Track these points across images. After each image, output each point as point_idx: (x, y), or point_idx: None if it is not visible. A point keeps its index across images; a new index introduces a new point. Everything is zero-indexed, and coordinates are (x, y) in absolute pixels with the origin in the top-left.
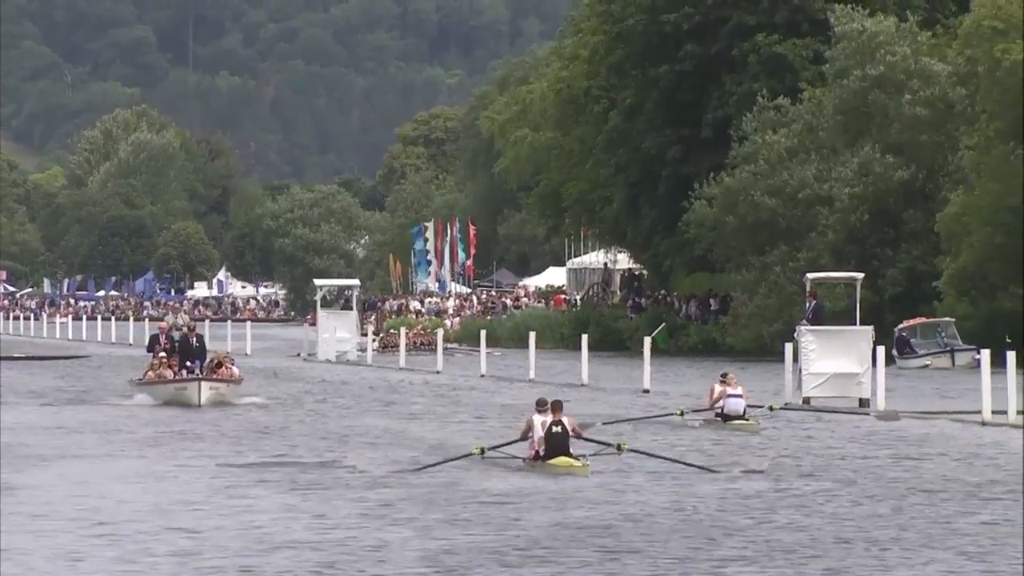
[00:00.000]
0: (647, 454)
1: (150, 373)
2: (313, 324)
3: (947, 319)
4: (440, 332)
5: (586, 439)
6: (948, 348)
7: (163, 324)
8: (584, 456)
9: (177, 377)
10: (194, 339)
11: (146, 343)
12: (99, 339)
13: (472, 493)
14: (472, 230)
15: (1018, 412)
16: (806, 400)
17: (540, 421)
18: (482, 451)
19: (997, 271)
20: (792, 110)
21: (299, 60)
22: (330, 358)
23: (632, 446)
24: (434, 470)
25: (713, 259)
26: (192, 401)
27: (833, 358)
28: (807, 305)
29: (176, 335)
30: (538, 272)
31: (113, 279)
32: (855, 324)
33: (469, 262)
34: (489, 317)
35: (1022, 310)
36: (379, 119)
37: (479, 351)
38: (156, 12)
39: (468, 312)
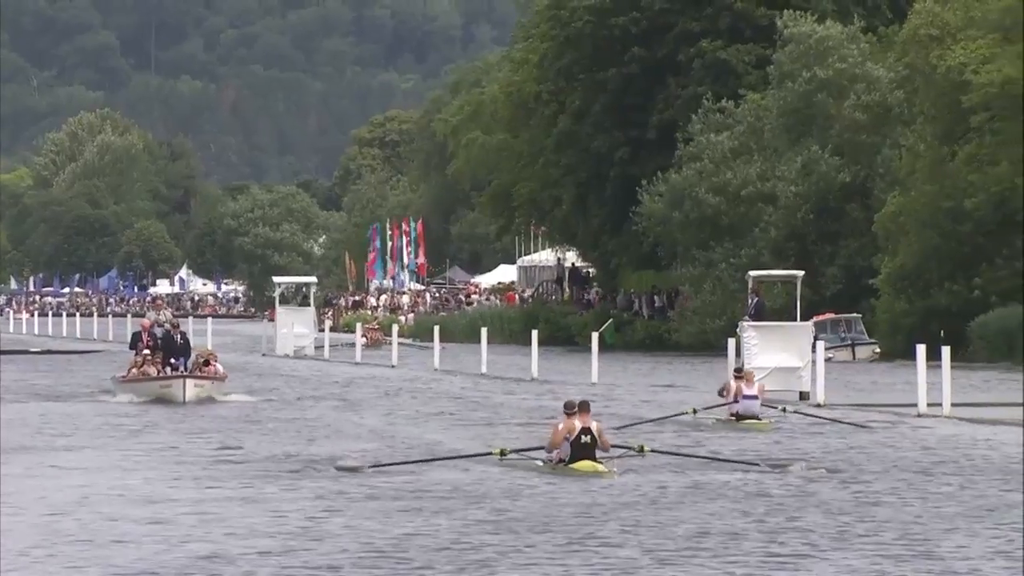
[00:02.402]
0: (671, 453)
1: (133, 370)
2: (272, 320)
3: (855, 315)
4: (395, 328)
5: (612, 446)
6: (849, 342)
7: (145, 321)
8: (611, 460)
9: (161, 375)
10: (178, 336)
11: (128, 340)
12: (64, 335)
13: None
14: (420, 228)
15: (952, 405)
16: None
17: (568, 427)
18: (503, 453)
19: (933, 270)
20: (736, 112)
21: (258, 65)
22: (288, 353)
23: (653, 446)
24: (457, 465)
25: (660, 256)
26: (177, 398)
27: (774, 353)
28: (749, 302)
29: (159, 332)
30: (489, 270)
31: (76, 276)
32: (796, 320)
33: (421, 260)
34: (443, 313)
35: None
36: (336, 122)
37: (432, 346)
38: (119, 18)
39: (422, 308)
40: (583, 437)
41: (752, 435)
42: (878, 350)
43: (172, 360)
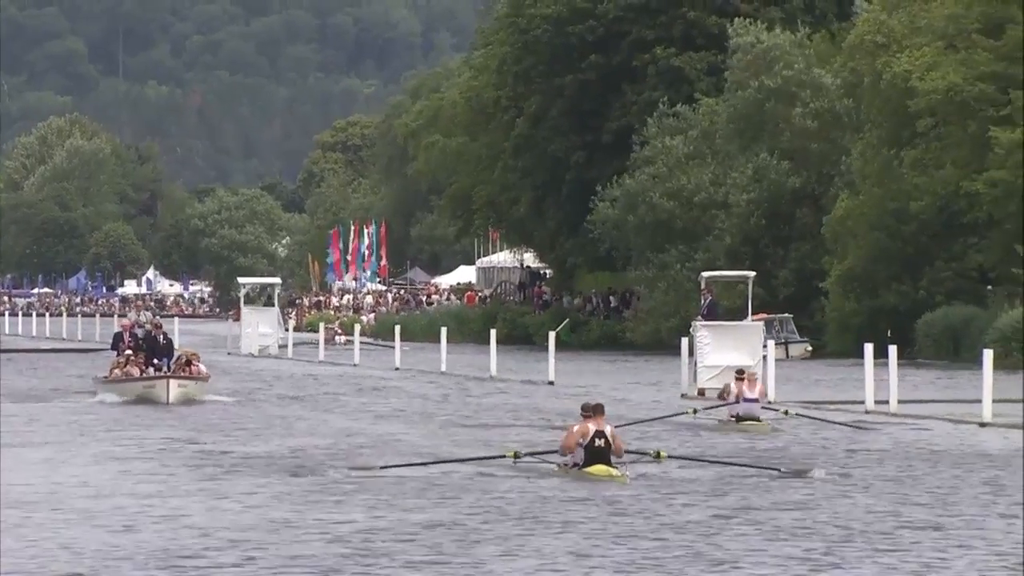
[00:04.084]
0: (690, 459)
1: (116, 371)
2: (237, 320)
3: (786, 315)
4: (357, 327)
5: (626, 451)
6: (783, 341)
7: (125, 322)
8: (623, 465)
9: (144, 375)
10: (161, 337)
11: (98, 340)
12: (34, 334)
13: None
14: (382, 230)
15: (899, 402)
16: (701, 392)
17: (583, 430)
18: (516, 456)
19: (881, 271)
20: (691, 117)
21: (224, 71)
22: (253, 352)
23: (672, 452)
24: (466, 469)
25: (615, 258)
26: (160, 399)
27: (726, 351)
28: (702, 301)
29: (140, 332)
30: (449, 271)
31: (41, 277)
32: (748, 320)
33: (383, 262)
34: (403, 313)
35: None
36: (299, 126)
37: (394, 345)
38: (88, 25)
39: (383, 308)
40: (597, 441)
41: (753, 437)
42: (809, 348)
43: (155, 360)
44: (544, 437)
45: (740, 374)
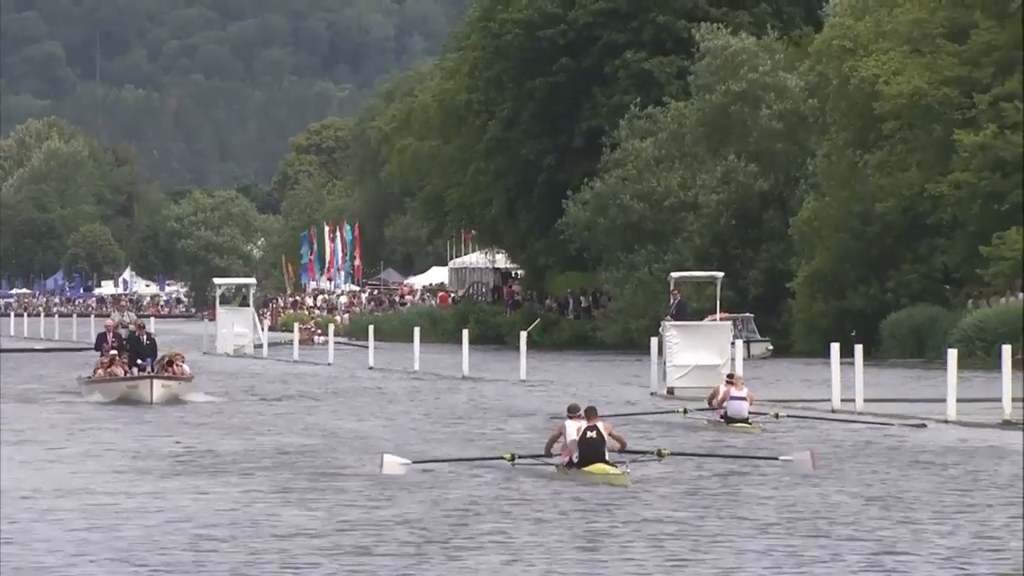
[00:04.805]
0: (692, 455)
1: (100, 371)
2: (212, 320)
3: (747, 314)
4: (331, 327)
5: (626, 451)
6: (744, 340)
7: (109, 322)
8: (624, 463)
9: (128, 375)
10: (145, 337)
11: (77, 339)
12: (12, 334)
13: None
14: (356, 231)
15: (865, 400)
16: (670, 390)
17: (573, 427)
18: (512, 458)
19: (847, 272)
20: (661, 119)
21: (200, 74)
22: (228, 351)
23: (673, 450)
24: (466, 469)
25: (585, 259)
26: (144, 399)
27: (695, 351)
28: (671, 302)
29: (123, 332)
30: (422, 271)
31: (19, 278)
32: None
33: (357, 262)
34: (377, 313)
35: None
36: (274, 129)
37: (367, 345)
38: (65, 29)
39: (357, 309)
40: (589, 433)
41: (742, 436)
42: (770, 347)
43: (139, 360)
44: (521, 435)
45: (731, 377)
